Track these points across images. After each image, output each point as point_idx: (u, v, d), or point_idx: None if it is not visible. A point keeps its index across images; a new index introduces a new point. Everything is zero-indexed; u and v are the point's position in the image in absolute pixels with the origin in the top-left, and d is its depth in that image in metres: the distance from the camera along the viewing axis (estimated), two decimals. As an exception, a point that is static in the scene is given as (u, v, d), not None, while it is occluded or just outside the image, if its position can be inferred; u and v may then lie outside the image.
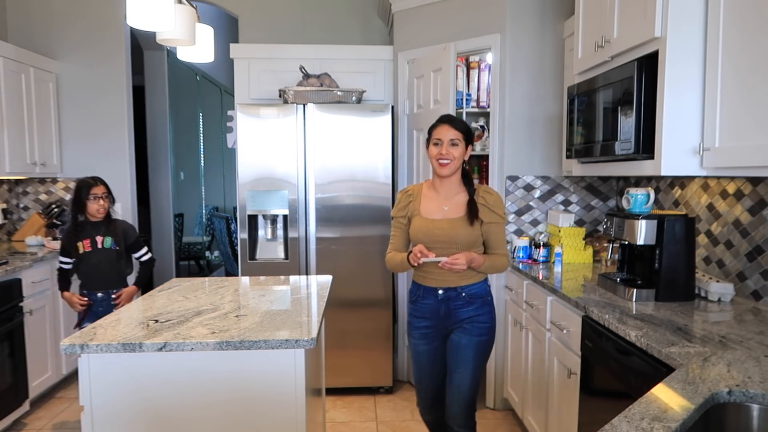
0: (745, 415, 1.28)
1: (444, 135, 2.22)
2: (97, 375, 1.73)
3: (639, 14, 2.17)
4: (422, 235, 2.25)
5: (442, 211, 2.28)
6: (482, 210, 2.24)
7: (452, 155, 2.21)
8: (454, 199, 2.29)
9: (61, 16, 4.31)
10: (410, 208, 2.33)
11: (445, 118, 2.28)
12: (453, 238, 2.22)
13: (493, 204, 2.26)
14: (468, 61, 3.97)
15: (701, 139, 2.01)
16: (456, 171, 2.26)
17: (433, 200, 2.31)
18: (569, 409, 2.35)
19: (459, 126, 2.24)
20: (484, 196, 2.27)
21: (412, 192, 2.37)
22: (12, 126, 3.71)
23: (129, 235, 3.12)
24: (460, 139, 2.22)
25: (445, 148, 2.21)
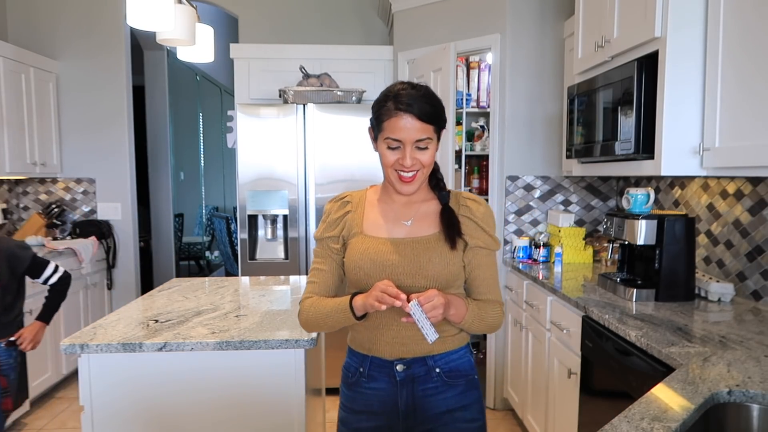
0: (745, 415, 1.28)
1: (406, 134, 1.34)
2: (97, 375, 1.73)
3: (639, 14, 2.17)
4: (369, 264, 1.39)
5: (400, 227, 1.45)
6: (466, 224, 1.43)
7: (420, 163, 1.37)
8: (418, 209, 1.47)
9: (61, 16, 4.31)
10: (347, 223, 1.47)
11: (405, 102, 1.34)
12: (420, 270, 1.38)
13: (482, 218, 1.45)
14: (468, 61, 3.97)
15: (701, 139, 2.00)
16: (425, 180, 1.45)
17: (386, 211, 1.48)
18: (569, 409, 2.35)
19: (427, 112, 1.35)
20: (469, 206, 1.46)
21: (350, 199, 1.51)
22: (12, 126, 3.71)
23: (17, 260, 2.30)
24: (430, 136, 1.37)
25: (409, 154, 1.35)
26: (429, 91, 1.40)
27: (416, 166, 1.37)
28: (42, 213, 4.24)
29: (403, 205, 1.48)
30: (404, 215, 1.47)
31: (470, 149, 4.04)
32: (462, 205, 1.47)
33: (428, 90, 1.40)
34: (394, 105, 1.35)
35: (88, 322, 4.01)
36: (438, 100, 1.40)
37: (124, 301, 4.36)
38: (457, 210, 1.46)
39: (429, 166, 1.40)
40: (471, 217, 1.45)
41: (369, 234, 1.45)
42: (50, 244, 3.83)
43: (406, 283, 1.38)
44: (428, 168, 1.41)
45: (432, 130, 1.37)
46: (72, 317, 3.84)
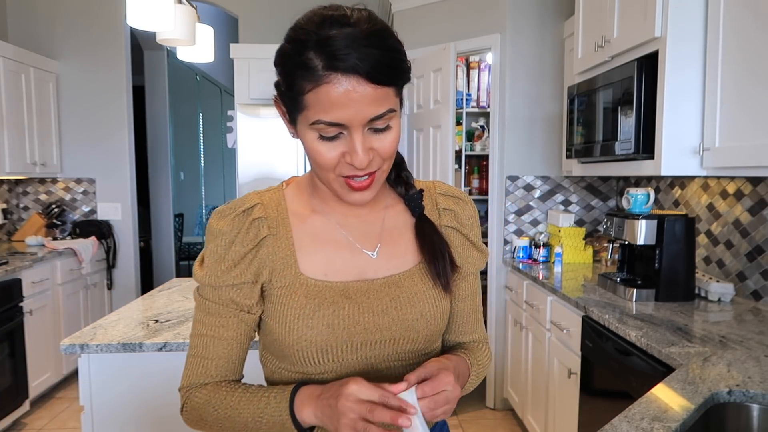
0: (745, 415, 1.28)
1: (353, 112, 0.76)
2: (97, 375, 1.73)
3: (639, 14, 2.17)
4: (326, 338, 0.85)
5: (361, 259, 0.91)
6: (452, 241, 0.95)
7: (379, 157, 0.82)
8: (382, 222, 0.94)
9: (61, 16, 4.31)
10: (267, 258, 0.88)
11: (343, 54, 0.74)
12: (408, 334, 0.89)
13: (470, 225, 0.98)
14: (468, 61, 3.98)
15: (701, 139, 2.00)
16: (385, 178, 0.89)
17: (331, 229, 0.91)
18: (569, 409, 2.35)
19: (385, 65, 0.76)
20: (452, 208, 0.97)
21: (261, 212, 0.89)
22: (12, 126, 3.71)
23: None
24: (392, 106, 0.80)
25: (361, 146, 0.78)
26: (375, 19, 0.78)
27: (375, 163, 0.81)
28: (42, 213, 4.24)
29: (359, 215, 0.92)
30: (364, 235, 0.91)
31: (470, 149, 4.05)
32: (443, 209, 0.95)
33: (374, 17, 0.78)
34: (325, 61, 0.74)
35: (88, 322, 4.01)
36: (393, 34, 0.79)
37: (124, 301, 4.36)
38: (438, 218, 0.94)
39: (392, 156, 0.83)
40: (458, 228, 0.95)
41: (312, 277, 0.87)
42: (50, 244, 3.83)
43: (387, 358, 0.88)
44: (390, 159, 0.83)
45: (393, 93, 0.79)
46: (72, 317, 3.84)
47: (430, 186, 0.98)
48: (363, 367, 0.87)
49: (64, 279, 3.73)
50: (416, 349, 0.90)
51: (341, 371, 0.87)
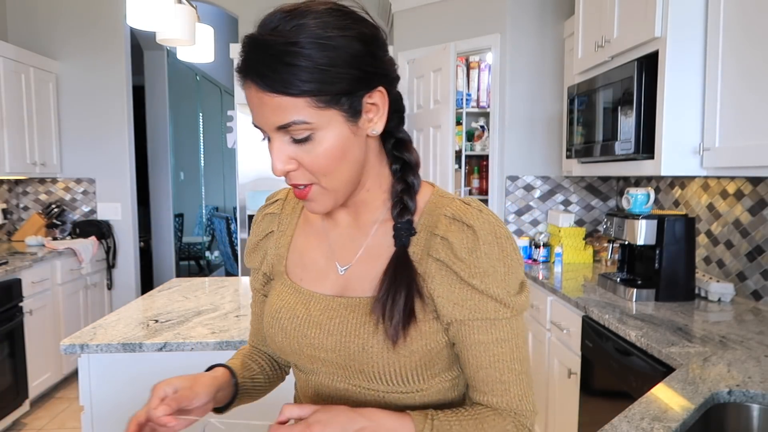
0: (745, 415, 1.28)
1: (259, 117, 0.76)
2: (97, 375, 1.73)
3: (639, 14, 2.17)
4: (282, 338, 0.87)
5: (332, 272, 0.88)
6: (439, 278, 0.79)
7: (305, 168, 0.77)
8: (366, 238, 0.87)
9: (61, 16, 4.31)
10: (269, 252, 0.97)
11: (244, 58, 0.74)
12: (352, 362, 0.81)
13: (470, 262, 0.78)
14: (468, 61, 3.97)
15: (701, 139, 2.00)
16: (346, 192, 0.81)
17: (320, 235, 0.91)
18: (569, 409, 2.35)
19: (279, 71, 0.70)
20: (448, 237, 0.79)
21: (278, 207, 0.98)
22: (12, 126, 3.71)
23: None
24: (306, 118, 0.72)
25: (276, 152, 0.76)
26: (293, 24, 0.71)
27: (301, 175, 0.77)
28: (42, 213, 4.24)
29: (346, 226, 0.88)
30: (344, 248, 0.87)
31: (470, 149, 4.05)
32: (435, 236, 0.80)
33: (296, 20, 0.72)
34: (237, 64, 0.76)
35: (88, 322, 4.01)
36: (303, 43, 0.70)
37: (124, 301, 4.36)
38: (426, 246, 0.81)
39: (327, 170, 0.76)
40: (447, 263, 0.79)
41: (291, 279, 0.90)
42: (50, 244, 3.83)
43: (348, 381, 0.84)
44: (329, 174, 0.77)
45: (307, 104, 0.72)
46: (72, 317, 3.84)
47: (444, 204, 0.82)
48: (325, 380, 0.86)
49: (64, 279, 3.74)
50: (375, 384, 0.81)
51: (309, 374, 0.88)
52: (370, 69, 0.75)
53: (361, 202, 0.85)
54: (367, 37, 0.75)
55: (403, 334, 0.77)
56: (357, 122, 0.76)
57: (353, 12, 0.76)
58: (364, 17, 0.77)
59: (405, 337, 0.78)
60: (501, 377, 0.81)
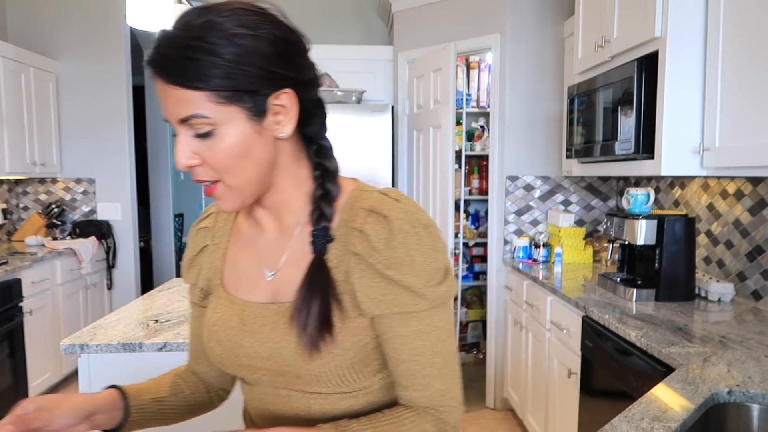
0: (745, 415, 1.28)
1: (164, 109, 0.76)
2: (97, 375, 1.73)
3: (639, 14, 2.17)
4: (220, 352, 0.87)
5: (261, 279, 0.87)
6: (358, 273, 0.79)
7: (208, 164, 0.77)
8: (288, 242, 0.86)
9: (61, 16, 4.31)
10: (204, 266, 0.95)
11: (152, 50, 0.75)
12: (286, 369, 0.81)
13: (386, 255, 0.77)
14: (468, 61, 3.98)
15: (701, 139, 2.01)
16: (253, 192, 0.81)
17: (249, 243, 0.91)
18: (569, 409, 2.35)
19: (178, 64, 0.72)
20: (366, 230, 0.79)
21: (212, 221, 0.97)
22: (12, 126, 3.71)
23: None
24: (206, 112, 0.73)
25: (180, 145, 0.77)
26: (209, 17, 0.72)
27: (204, 172, 0.77)
28: (42, 213, 4.24)
29: (271, 231, 0.87)
30: (270, 254, 0.87)
31: (470, 149, 4.05)
32: (353, 229, 0.80)
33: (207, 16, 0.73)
34: (148, 62, 0.76)
35: (88, 322, 4.01)
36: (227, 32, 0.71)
37: (124, 301, 4.36)
38: (346, 241, 0.80)
39: (230, 168, 0.76)
40: (364, 256, 0.78)
41: (227, 290, 0.90)
42: (50, 244, 3.83)
43: (290, 387, 0.83)
44: (233, 172, 0.77)
45: (208, 99, 0.72)
46: (72, 317, 3.84)
47: (362, 198, 0.82)
48: (267, 389, 0.86)
49: (64, 279, 3.74)
50: (316, 387, 0.81)
51: (252, 385, 0.88)
52: (276, 70, 0.74)
53: (281, 204, 0.84)
54: (276, 38, 0.75)
55: (320, 342, 0.77)
56: (261, 122, 0.76)
57: (270, 14, 0.77)
58: (280, 20, 0.77)
59: (324, 343, 0.77)
60: (422, 371, 0.80)
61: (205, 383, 1.02)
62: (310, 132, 0.83)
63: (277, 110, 0.76)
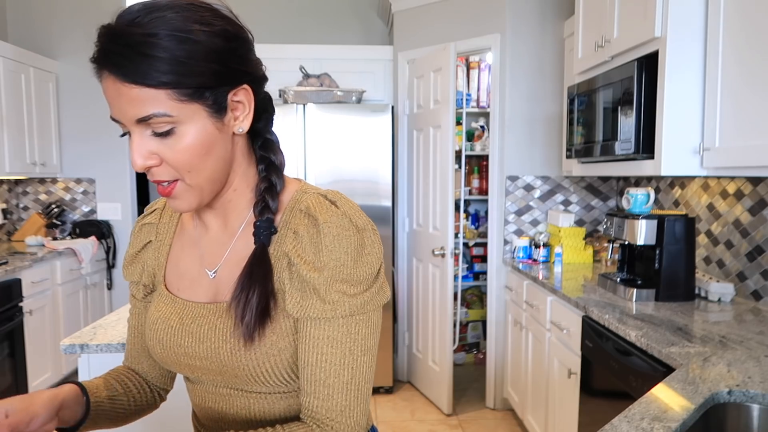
0: (745, 415, 1.28)
1: (117, 110, 0.73)
2: (97, 375, 1.73)
3: (639, 14, 2.17)
4: (161, 352, 0.87)
5: (203, 278, 0.88)
6: (286, 271, 0.80)
7: (167, 164, 0.75)
8: (232, 241, 0.86)
9: (61, 15, 4.31)
10: (147, 263, 0.95)
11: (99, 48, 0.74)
12: (224, 368, 0.81)
13: (310, 256, 0.77)
14: (468, 61, 3.98)
15: (701, 139, 2.01)
16: (212, 190, 0.80)
17: (193, 241, 0.91)
18: (569, 409, 2.35)
19: (137, 62, 0.69)
20: (299, 231, 0.79)
21: (156, 216, 0.97)
22: (12, 126, 3.71)
23: None
24: (167, 110, 0.71)
25: (136, 146, 0.74)
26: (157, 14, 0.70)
27: (163, 171, 0.75)
28: (42, 213, 4.24)
29: (215, 230, 0.88)
30: (213, 253, 0.87)
31: (470, 149, 4.05)
32: (289, 231, 0.81)
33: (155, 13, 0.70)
34: (92, 55, 0.75)
35: (88, 322, 4.01)
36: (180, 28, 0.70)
37: (124, 301, 4.36)
38: (282, 242, 0.81)
39: (191, 166, 0.75)
40: (292, 258, 0.78)
41: (168, 289, 0.90)
42: (50, 244, 3.83)
43: (230, 386, 0.84)
44: (194, 171, 0.76)
45: (169, 97, 0.71)
46: (72, 317, 3.84)
47: (302, 199, 0.82)
48: (209, 387, 0.87)
49: (64, 279, 3.74)
50: (254, 386, 0.81)
51: (195, 383, 0.89)
52: (233, 66, 0.74)
53: (228, 204, 0.85)
54: (229, 33, 0.74)
55: (259, 332, 0.77)
56: (222, 119, 0.76)
57: (216, 10, 0.75)
58: (228, 16, 0.77)
59: (261, 336, 0.77)
60: (326, 380, 0.77)
61: (147, 382, 1.01)
62: (258, 127, 0.84)
63: (236, 106, 0.77)
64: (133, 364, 1.01)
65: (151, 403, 1.01)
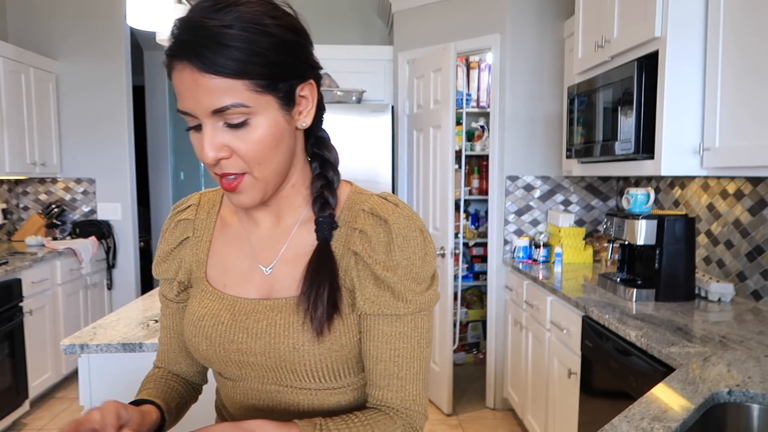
0: (745, 415, 1.28)
1: (193, 101, 0.73)
2: (97, 375, 1.73)
3: (639, 14, 2.17)
4: (206, 347, 0.85)
5: (256, 275, 0.86)
6: (354, 270, 0.81)
7: (238, 156, 0.75)
8: (288, 238, 0.86)
9: (61, 15, 4.31)
10: (185, 259, 0.92)
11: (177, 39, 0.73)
12: (283, 364, 0.81)
13: (382, 256, 0.79)
14: (468, 61, 3.98)
15: (701, 139, 2.01)
16: (275, 184, 0.81)
17: (240, 238, 0.89)
18: (569, 409, 2.35)
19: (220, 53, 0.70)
20: (366, 230, 0.81)
21: (191, 213, 0.93)
22: (12, 126, 3.71)
23: None
24: (245, 100, 0.72)
25: (209, 139, 0.74)
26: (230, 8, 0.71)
27: (233, 164, 0.75)
28: (42, 213, 4.24)
29: (267, 227, 0.87)
30: (266, 250, 0.86)
31: (470, 149, 4.05)
32: (354, 229, 0.82)
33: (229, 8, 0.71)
34: (167, 51, 0.74)
35: (88, 322, 4.02)
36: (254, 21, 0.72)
37: (124, 301, 4.36)
38: (346, 240, 0.82)
39: (261, 159, 0.75)
40: (362, 255, 0.80)
41: (212, 285, 0.88)
42: (50, 244, 3.83)
43: (278, 383, 0.84)
44: (263, 164, 0.76)
45: (246, 88, 0.72)
46: (72, 317, 3.84)
47: (361, 200, 0.84)
48: (255, 385, 0.86)
49: (64, 279, 3.73)
50: (307, 383, 0.82)
51: (237, 381, 0.87)
52: (302, 59, 0.77)
53: (284, 200, 0.85)
54: (297, 29, 0.77)
55: (328, 326, 0.78)
56: (291, 112, 0.77)
57: (282, 6, 0.78)
58: (292, 13, 0.79)
59: (329, 330, 0.78)
60: (399, 373, 0.81)
61: (188, 382, 1.01)
62: (312, 124, 0.84)
63: (300, 101, 0.78)
64: (170, 366, 0.99)
65: (194, 398, 1.03)
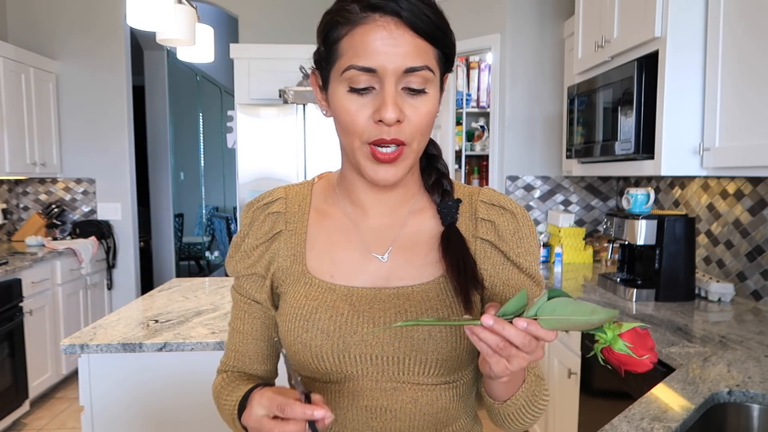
0: (745, 415, 1.28)
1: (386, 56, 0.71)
2: (97, 375, 1.73)
3: (639, 14, 2.17)
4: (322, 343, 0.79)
5: (371, 263, 0.84)
6: (486, 257, 0.83)
7: (410, 123, 0.74)
8: (403, 226, 0.85)
9: (61, 16, 4.31)
10: (278, 253, 0.86)
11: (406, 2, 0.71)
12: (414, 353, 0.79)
13: (514, 243, 0.83)
14: (468, 61, 3.98)
15: (701, 139, 2.00)
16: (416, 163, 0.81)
17: (345, 228, 0.86)
18: (569, 409, 2.35)
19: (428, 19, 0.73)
20: (492, 219, 0.84)
21: (281, 206, 0.89)
22: (12, 126, 3.71)
23: None
24: (431, 65, 0.74)
25: (392, 99, 0.71)
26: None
27: (405, 131, 0.73)
28: (42, 213, 4.24)
29: (378, 216, 0.85)
30: (378, 239, 0.84)
31: (470, 149, 4.05)
32: (480, 219, 0.83)
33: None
34: (363, 3, 0.72)
35: (88, 322, 4.02)
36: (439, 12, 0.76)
37: (124, 301, 4.36)
38: (472, 228, 0.83)
39: (425, 131, 0.76)
40: (495, 243, 0.83)
41: (317, 277, 0.83)
42: (50, 245, 3.83)
43: (394, 378, 0.80)
44: (423, 137, 0.76)
45: (433, 56, 0.74)
46: (72, 317, 3.84)
47: (474, 192, 0.87)
48: (368, 383, 0.80)
49: (64, 279, 3.74)
50: (429, 376, 0.80)
51: (344, 382, 0.81)
52: (454, 49, 0.81)
53: (400, 188, 0.84)
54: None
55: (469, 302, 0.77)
56: (440, 95, 0.80)
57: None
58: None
59: (470, 307, 0.77)
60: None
61: (261, 379, 0.96)
62: None
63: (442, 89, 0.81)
64: (250, 368, 0.93)
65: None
